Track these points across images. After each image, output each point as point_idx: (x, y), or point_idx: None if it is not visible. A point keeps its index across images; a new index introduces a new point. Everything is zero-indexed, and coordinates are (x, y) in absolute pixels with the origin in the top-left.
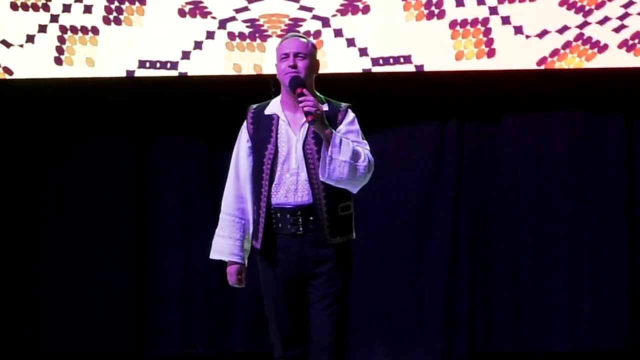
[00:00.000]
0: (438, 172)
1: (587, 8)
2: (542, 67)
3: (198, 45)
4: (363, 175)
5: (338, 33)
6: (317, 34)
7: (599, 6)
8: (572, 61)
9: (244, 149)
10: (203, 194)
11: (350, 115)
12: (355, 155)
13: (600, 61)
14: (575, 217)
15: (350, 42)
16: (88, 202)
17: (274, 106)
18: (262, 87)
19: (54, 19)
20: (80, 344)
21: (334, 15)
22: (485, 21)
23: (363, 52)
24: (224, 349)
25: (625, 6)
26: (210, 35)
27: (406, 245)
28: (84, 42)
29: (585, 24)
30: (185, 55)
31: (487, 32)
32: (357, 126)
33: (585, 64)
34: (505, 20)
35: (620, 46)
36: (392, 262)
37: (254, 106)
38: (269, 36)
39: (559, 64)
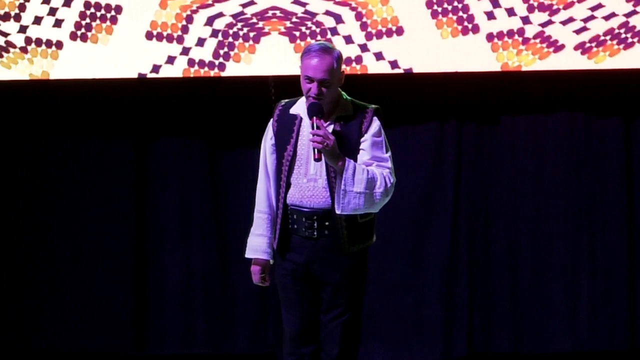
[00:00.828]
0: (437, 172)
1: (554, 7)
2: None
3: (156, 69)
4: (380, 201)
5: (379, 56)
6: (358, 59)
7: (567, 6)
8: (525, 58)
9: (269, 146)
10: (204, 195)
11: (377, 124)
12: (371, 182)
13: (554, 61)
14: (574, 218)
15: (394, 64)
16: (89, 202)
17: (299, 106)
18: (263, 88)
19: (22, 29)
20: (81, 344)
21: (369, 40)
22: (521, 31)
23: (408, 72)
24: (224, 349)
25: (593, 9)
26: (170, 60)
27: (405, 246)
28: (45, 55)
29: (548, 22)
30: (141, 77)
31: (525, 41)
32: (382, 137)
33: (538, 62)
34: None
35: (576, 48)
36: (391, 262)
37: (283, 102)
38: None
39: (512, 61)
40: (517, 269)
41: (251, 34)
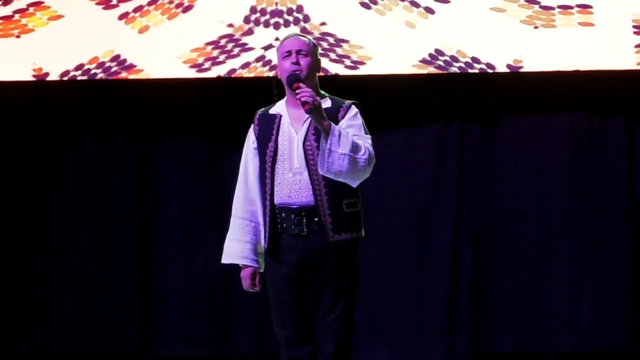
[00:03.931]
0: (440, 173)
1: None
2: None
3: None
4: (363, 169)
5: None
6: None
7: None
8: None
9: (251, 150)
10: (206, 196)
11: (353, 110)
12: (355, 148)
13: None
14: (576, 218)
15: None
16: (92, 203)
17: (278, 106)
18: (265, 89)
19: None
20: (84, 344)
21: None
22: None
23: (410, 73)
24: (227, 349)
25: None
26: None
27: (408, 246)
28: None
29: None
30: (144, 79)
31: None
32: (359, 120)
33: None
34: None
35: None
36: (394, 262)
37: (260, 110)
38: None
39: None
40: (519, 269)
41: None
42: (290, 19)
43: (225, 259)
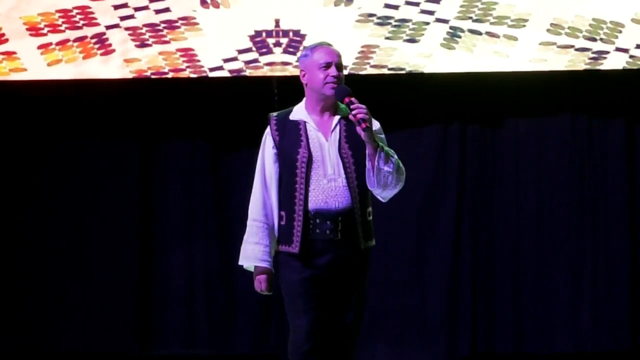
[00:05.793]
0: (441, 174)
1: None
2: None
3: None
4: (401, 183)
5: None
6: None
7: None
8: None
9: (270, 156)
10: (206, 195)
11: (378, 123)
12: (397, 164)
13: None
14: (577, 219)
15: None
16: (93, 203)
17: (298, 112)
18: (265, 89)
19: None
20: (85, 344)
21: None
22: None
23: (411, 73)
24: (227, 350)
25: None
26: None
27: (409, 247)
28: None
29: None
30: (143, 78)
31: None
32: (383, 134)
33: None
34: None
35: None
36: (395, 263)
37: (275, 114)
38: None
39: None
40: (520, 269)
41: None
42: (385, 69)
43: (243, 262)
